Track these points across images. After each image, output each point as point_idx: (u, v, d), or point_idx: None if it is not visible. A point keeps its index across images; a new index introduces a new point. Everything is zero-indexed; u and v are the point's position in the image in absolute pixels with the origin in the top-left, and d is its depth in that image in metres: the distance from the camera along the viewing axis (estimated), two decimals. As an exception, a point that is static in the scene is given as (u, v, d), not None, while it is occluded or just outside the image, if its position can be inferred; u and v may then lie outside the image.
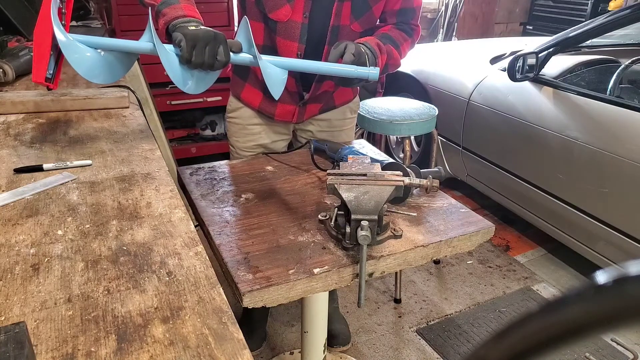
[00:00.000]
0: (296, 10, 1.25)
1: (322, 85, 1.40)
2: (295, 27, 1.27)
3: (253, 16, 1.30)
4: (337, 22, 1.27)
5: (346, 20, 1.28)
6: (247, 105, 1.49)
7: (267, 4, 1.25)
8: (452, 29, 4.13)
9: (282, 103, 1.43)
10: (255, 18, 1.30)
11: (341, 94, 1.51)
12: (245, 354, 0.58)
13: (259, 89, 1.45)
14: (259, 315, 1.83)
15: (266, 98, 1.44)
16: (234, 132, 1.54)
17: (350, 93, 1.55)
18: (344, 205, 0.90)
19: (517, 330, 0.24)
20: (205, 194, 1.12)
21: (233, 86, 1.51)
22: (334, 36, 1.29)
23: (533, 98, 2.20)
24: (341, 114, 1.55)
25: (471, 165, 2.60)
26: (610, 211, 1.91)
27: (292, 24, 1.26)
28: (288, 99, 1.42)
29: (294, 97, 1.42)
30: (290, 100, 1.43)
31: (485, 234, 1.04)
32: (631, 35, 2.70)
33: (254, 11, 1.30)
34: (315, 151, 1.30)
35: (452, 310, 2.02)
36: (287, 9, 1.25)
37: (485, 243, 1.84)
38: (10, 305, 0.63)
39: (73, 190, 0.93)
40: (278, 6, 1.25)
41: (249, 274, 0.84)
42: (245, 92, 1.48)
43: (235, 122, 1.52)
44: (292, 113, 1.46)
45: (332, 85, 1.42)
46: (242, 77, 1.47)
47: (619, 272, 0.19)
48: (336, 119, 1.54)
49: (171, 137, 2.98)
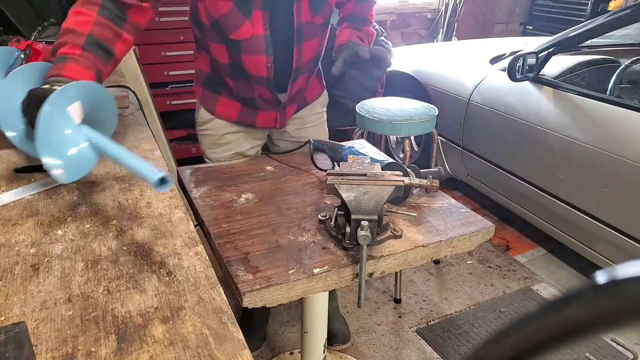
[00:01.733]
0: (256, 24, 1.21)
1: (297, 83, 1.37)
2: (259, 41, 1.23)
3: (213, 39, 1.27)
4: (300, 21, 1.25)
5: (307, 16, 1.26)
6: (223, 118, 1.43)
7: (226, 26, 1.21)
8: (452, 29, 4.13)
9: (263, 111, 1.40)
10: (215, 40, 1.27)
11: (311, 90, 1.51)
12: (245, 354, 0.58)
13: (236, 100, 1.40)
14: (259, 315, 1.83)
15: (244, 108, 1.40)
16: (208, 144, 1.48)
17: (319, 88, 1.54)
18: (344, 205, 0.90)
19: (517, 330, 0.24)
20: (205, 194, 1.12)
21: (204, 101, 1.44)
22: (299, 36, 1.27)
23: (533, 98, 2.20)
24: (312, 109, 1.54)
25: (471, 165, 2.60)
26: (610, 211, 1.91)
27: (256, 38, 1.22)
28: (267, 106, 1.39)
29: (272, 103, 1.38)
30: (270, 107, 1.39)
31: (485, 234, 1.04)
32: (631, 35, 2.70)
33: (212, 34, 1.26)
34: (315, 151, 1.30)
35: (452, 310, 2.02)
36: (248, 25, 1.20)
37: (485, 243, 1.84)
38: (10, 305, 0.63)
39: (73, 190, 0.93)
40: (237, 26, 1.20)
41: (249, 274, 0.84)
42: (220, 106, 1.42)
43: (209, 133, 1.47)
44: (275, 119, 1.42)
45: (304, 81, 1.40)
46: (214, 90, 1.41)
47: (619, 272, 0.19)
48: (308, 115, 1.53)
49: (171, 137, 2.98)
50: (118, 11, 1.09)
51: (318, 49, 1.37)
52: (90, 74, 1.00)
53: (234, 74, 1.32)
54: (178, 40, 2.68)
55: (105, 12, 1.06)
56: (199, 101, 1.46)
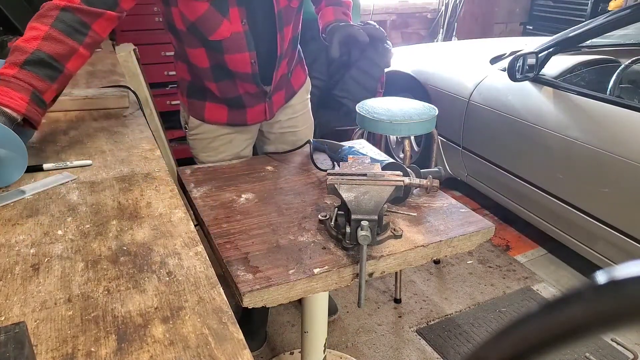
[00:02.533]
0: (234, 21, 1.19)
1: (280, 70, 1.36)
2: (240, 38, 1.21)
3: (191, 44, 1.24)
4: (279, 5, 1.24)
5: (285, 1, 1.25)
6: (212, 123, 1.41)
7: (205, 28, 1.18)
8: (452, 29, 4.13)
9: (251, 107, 1.39)
10: (193, 45, 1.24)
11: (296, 77, 1.51)
12: (245, 354, 0.58)
13: (222, 103, 1.37)
14: (259, 315, 1.83)
15: (232, 110, 1.39)
16: (200, 148, 1.46)
17: (302, 74, 1.54)
18: (344, 205, 0.90)
19: (517, 330, 0.24)
20: (205, 194, 1.12)
21: (192, 109, 1.41)
22: (280, 20, 1.26)
23: (533, 98, 2.20)
24: (301, 97, 1.55)
25: (471, 165, 2.60)
26: (610, 211, 1.91)
27: (236, 36, 1.20)
28: (254, 100, 1.38)
29: (259, 96, 1.37)
30: (257, 100, 1.38)
31: (485, 234, 1.04)
32: (631, 35, 2.70)
33: (189, 39, 1.23)
34: (315, 151, 1.30)
35: (452, 310, 2.02)
36: (226, 23, 1.18)
37: (485, 243, 1.84)
38: (10, 305, 0.63)
39: (73, 190, 0.93)
40: (216, 26, 1.18)
41: (249, 274, 0.84)
42: (208, 112, 1.39)
43: (200, 137, 1.44)
44: (264, 111, 1.42)
45: (286, 66, 1.39)
46: (199, 98, 1.38)
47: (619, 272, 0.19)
48: (298, 103, 1.54)
49: (171, 137, 2.98)
50: (78, 24, 1.01)
51: (294, 32, 1.36)
52: (23, 96, 0.93)
53: (216, 76, 1.29)
54: (178, 40, 2.67)
55: (61, 25, 0.98)
56: (187, 110, 1.43)
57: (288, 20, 1.30)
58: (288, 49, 1.36)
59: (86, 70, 1.69)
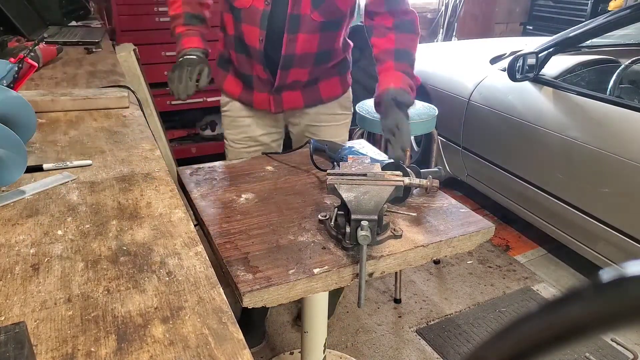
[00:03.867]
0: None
1: (289, 74, 1.39)
2: (256, 13, 1.30)
3: (224, 9, 1.41)
4: (297, 10, 1.28)
5: (306, 9, 1.28)
6: (229, 96, 1.55)
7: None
8: (452, 29, 4.13)
9: (257, 91, 1.47)
10: (226, 10, 1.40)
11: (328, 88, 1.51)
12: (245, 354, 0.58)
13: (239, 79, 1.50)
14: (258, 315, 1.83)
15: (245, 87, 1.50)
16: (226, 124, 1.61)
17: (339, 88, 1.54)
18: (344, 205, 0.90)
19: (517, 330, 0.24)
20: (205, 194, 1.12)
21: (217, 78, 1.56)
22: (293, 24, 1.30)
23: (533, 98, 2.20)
24: (329, 109, 1.55)
25: (471, 165, 2.60)
26: (610, 211, 1.91)
27: (254, 10, 1.31)
28: (260, 86, 1.45)
29: (265, 83, 1.44)
30: (262, 87, 1.45)
31: (485, 234, 1.04)
32: (631, 35, 2.70)
33: (223, 4, 1.40)
34: (315, 151, 1.30)
35: (452, 310, 2.02)
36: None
37: (485, 243, 1.84)
38: (10, 305, 0.63)
39: (73, 190, 0.93)
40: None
41: (249, 274, 0.84)
42: (227, 83, 1.54)
43: (227, 114, 1.59)
44: (268, 101, 1.47)
45: (305, 74, 1.41)
46: (224, 68, 1.54)
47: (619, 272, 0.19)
48: (324, 113, 1.54)
49: (171, 137, 2.98)
50: None
51: (319, 47, 1.37)
52: (198, 39, 1.36)
53: (237, 46, 1.41)
54: (178, 40, 2.67)
55: None
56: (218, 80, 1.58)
57: (306, 30, 1.31)
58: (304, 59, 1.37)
59: (86, 70, 1.69)
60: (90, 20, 2.45)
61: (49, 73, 1.62)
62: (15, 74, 1.28)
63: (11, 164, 0.91)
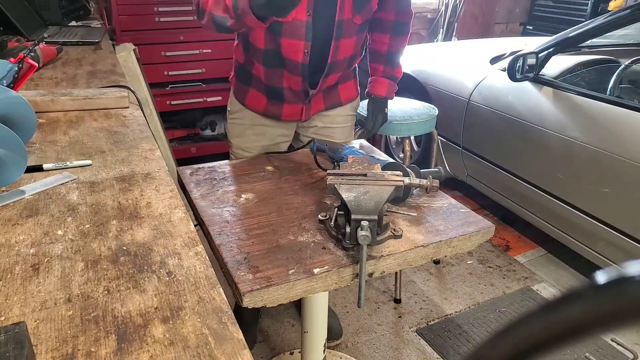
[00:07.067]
0: (300, 8, 1.25)
1: (328, 80, 1.41)
2: (300, 25, 1.28)
3: None
4: (342, 16, 1.29)
5: (349, 14, 1.30)
6: (251, 109, 1.50)
7: None
8: (452, 29, 4.12)
9: (289, 104, 1.44)
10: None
11: (347, 91, 1.53)
12: (245, 354, 0.58)
13: (263, 93, 1.46)
14: (249, 316, 1.82)
15: (270, 100, 1.46)
16: (236, 132, 1.55)
17: (354, 90, 1.57)
18: (344, 205, 0.90)
19: (517, 330, 0.24)
20: (205, 194, 1.12)
21: (236, 92, 1.53)
22: (339, 30, 1.31)
23: (533, 98, 2.20)
24: (344, 111, 1.57)
25: (471, 165, 2.60)
26: (610, 211, 1.91)
27: (297, 22, 1.27)
28: (294, 98, 1.43)
29: (299, 95, 1.43)
30: (296, 99, 1.44)
31: (485, 234, 1.04)
32: (631, 35, 2.70)
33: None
34: (315, 151, 1.30)
35: (452, 310, 2.02)
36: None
37: (485, 243, 1.84)
38: (10, 305, 0.63)
39: (73, 190, 0.93)
40: None
41: (249, 274, 0.84)
42: (249, 98, 1.49)
43: (238, 122, 1.55)
44: (300, 112, 1.47)
45: (335, 79, 1.44)
46: (245, 82, 1.49)
47: (619, 272, 0.19)
48: (339, 115, 1.56)
49: (171, 137, 2.98)
50: None
51: (354, 50, 1.40)
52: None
53: (267, 61, 1.37)
54: (178, 40, 2.68)
55: None
56: (232, 91, 1.55)
57: (348, 34, 1.33)
58: (342, 63, 1.39)
59: (86, 70, 1.69)
60: (90, 20, 2.45)
61: (49, 73, 1.62)
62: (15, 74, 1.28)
63: (11, 164, 0.91)
